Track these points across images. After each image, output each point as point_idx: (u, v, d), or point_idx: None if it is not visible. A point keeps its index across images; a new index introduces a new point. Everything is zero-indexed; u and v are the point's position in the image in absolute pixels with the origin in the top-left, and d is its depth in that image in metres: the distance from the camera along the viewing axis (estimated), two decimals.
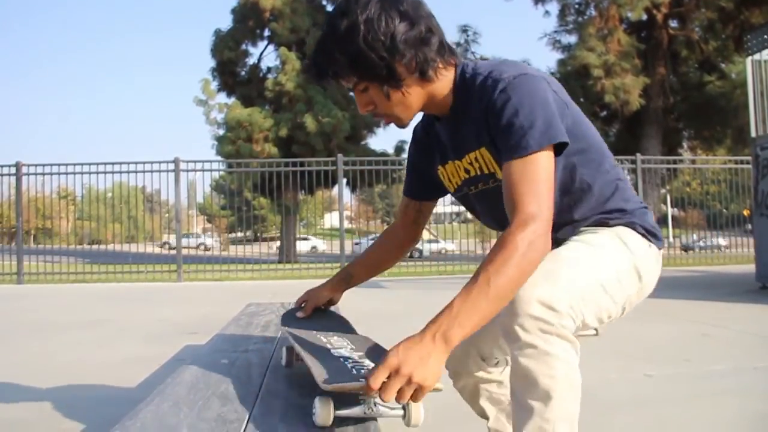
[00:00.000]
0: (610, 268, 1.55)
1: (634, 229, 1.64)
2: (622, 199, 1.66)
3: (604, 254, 1.57)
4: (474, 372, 1.89)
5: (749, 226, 9.17)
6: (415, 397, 1.26)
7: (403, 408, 1.36)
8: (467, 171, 1.67)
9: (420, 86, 1.56)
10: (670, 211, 31.96)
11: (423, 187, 1.91)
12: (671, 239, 23.92)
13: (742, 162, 14.19)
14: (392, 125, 1.65)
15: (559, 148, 1.47)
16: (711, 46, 19.57)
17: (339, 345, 1.66)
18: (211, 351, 2.26)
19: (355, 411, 1.35)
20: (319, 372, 1.38)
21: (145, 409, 1.48)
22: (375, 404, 1.34)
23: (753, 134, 8.29)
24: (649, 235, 1.66)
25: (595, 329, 4.60)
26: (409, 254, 13.78)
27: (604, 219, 1.64)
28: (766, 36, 8.16)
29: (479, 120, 1.54)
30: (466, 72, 1.59)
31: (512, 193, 1.41)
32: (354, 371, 1.40)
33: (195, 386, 1.70)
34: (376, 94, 1.55)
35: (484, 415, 1.96)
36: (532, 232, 1.34)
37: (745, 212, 16.23)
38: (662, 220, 28.51)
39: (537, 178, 1.40)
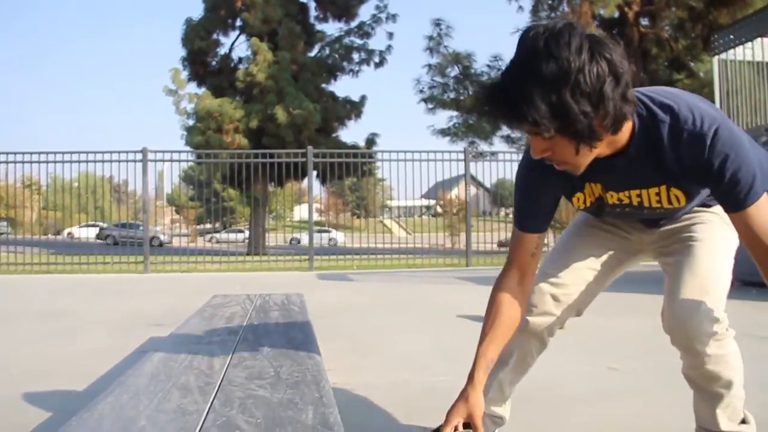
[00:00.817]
0: (730, 256, 1.77)
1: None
2: None
3: (722, 246, 1.76)
4: (544, 323, 1.96)
5: None
6: None
7: None
8: (620, 200, 1.70)
9: (608, 138, 1.47)
10: None
11: (542, 220, 1.80)
12: None
13: None
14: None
15: None
16: (681, 45, 19.83)
17: None
18: (173, 343, 2.26)
19: None
20: None
21: (103, 401, 1.48)
22: None
23: None
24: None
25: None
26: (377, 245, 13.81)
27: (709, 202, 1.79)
28: (731, 36, 8.31)
29: (671, 168, 1.54)
30: (641, 112, 1.54)
31: (763, 239, 1.51)
32: None
33: (156, 378, 1.70)
34: (562, 145, 1.44)
35: (504, 363, 1.97)
36: None
37: None
38: None
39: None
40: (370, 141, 23.00)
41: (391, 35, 24.39)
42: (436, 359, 3.66)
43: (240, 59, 24.32)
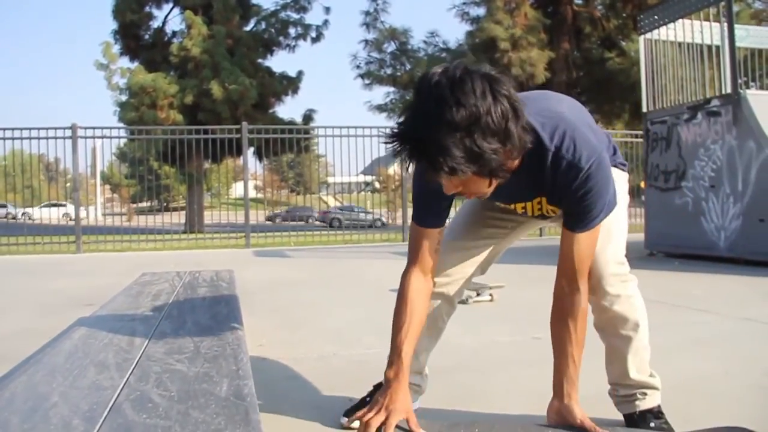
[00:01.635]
0: (624, 209, 1.99)
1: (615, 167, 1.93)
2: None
3: (617, 215, 1.88)
4: (448, 288, 2.07)
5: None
6: None
7: None
8: (506, 205, 1.96)
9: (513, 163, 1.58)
10: None
11: (445, 212, 1.86)
12: None
13: (638, 136, 14.83)
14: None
15: None
16: (612, 24, 20.24)
17: None
18: (96, 320, 2.26)
19: None
20: None
21: (17, 380, 1.47)
22: None
23: (644, 109, 8.73)
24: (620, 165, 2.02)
25: (491, 295, 4.78)
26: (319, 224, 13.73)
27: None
28: (656, 16, 8.54)
29: (549, 186, 1.71)
30: (545, 146, 1.65)
31: (575, 261, 1.76)
32: None
33: (73, 355, 1.70)
34: (475, 181, 1.52)
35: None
36: (586, 301, 1.80)
37: (642, 184, 16.99)
38: None
39: (593, 251, 1.77)
40: (308, 117, 22.83)
41: (327, 10, 24.14)
42: (365, 332, 3.72)
43: (174, 33, 23.79)
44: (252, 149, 17.11)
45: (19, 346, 3.56)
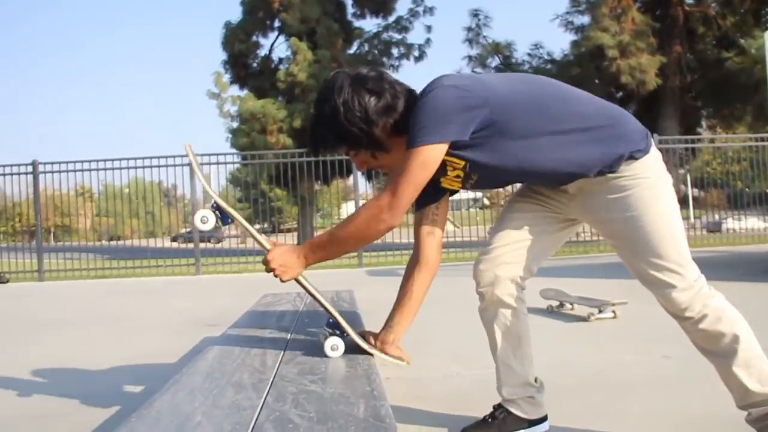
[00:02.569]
0: (670, 211, 1.87)
1: (634, 158, 1.86)
2: (601, 142, 1.86)
3: (659, 209, 1.86)
4: (499, 293, 2.09)
5: None
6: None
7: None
8: (458, 177, 2.00)
9: (400, 138, 1.86)
10: (690, 191, 31.64)
11: (429, 194, 2.06)
12: (692, 219, 23.66)
13: (763, 139, 14.03)
14: None
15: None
16: (729, 22, 19.20)
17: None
18: (226, 341, 2.31)
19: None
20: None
21: (160, 398, 1.51)
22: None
23: None
24: (642, 152, 1.87)
25: (613, 312, 4.60)
26: None
27: (607, 170, 1.86)
28: None
29: None
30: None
31: (391, 175, 1.90)
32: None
33: (210, 375, 1.74)
34: (365, 157, 1.94)
35: (494, 343, 2.17)
36: (378, 208, 1.82)
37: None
38: (682, 201, 28.21)
39: (405, 170, 1.80)
40: None
41: (429, 28, 24.36)
42: (486, 352, 3.64)
43: (280, 60, 24.54)
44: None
45: (148, 366, 3.73)
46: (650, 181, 1.86)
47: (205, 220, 1.96)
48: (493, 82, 1.92)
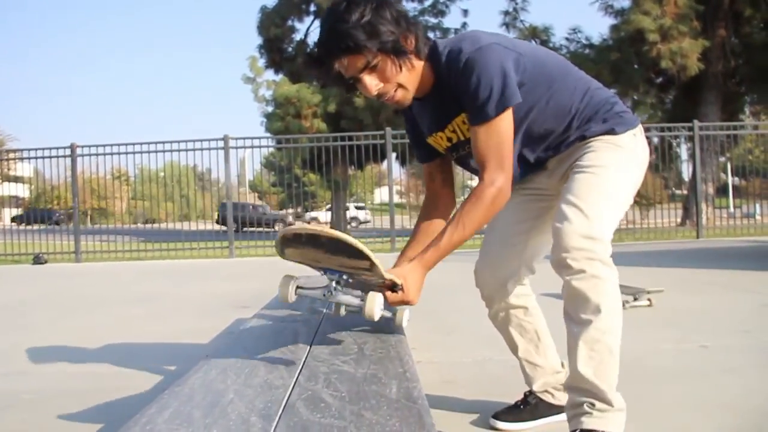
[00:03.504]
0: (621, 182, 1.82)
1: (615, 132, 1.86)
2: (594, 109, 1.88)
3: (611, 172, 1.79)
4: (505, 297, 2.12)
5: None
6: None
7: (361, 300, 1.71)
8: (449, 139, 1.95)
9: (416, 64, 1.80)
10: (731, 180, 31.05)
11: (431, 151, 2.08)
12: (732, 209, 23.23)
13: None
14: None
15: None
16: None
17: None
18: (259, 322, 2.32)
19: (315, 292, 1.80)
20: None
21: (194, 376, 1.53)
22: (333, 291, 1.77)
23: None
24: (627, 125, 1.88)
25: (649, 300, 4.54)
26: None
27: (586, 134, 1.87)
28: None
29: (451, 94, 1.82)
30: (440, 52, 1.83)
31: (479, 156, 1.78)
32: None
33: (243, 355, 1.75)
34: (386, 69, 1.75)
35: (513, 345, 2.18)
36: (497, 189, 1.74)
37: None
38: (722, 190, 27.66)
39: (498, 141, 1.75)
40: None
41: (465, 12, 24.15)
42: None
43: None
44: (395, 155, 17.31)
45: (183, 344, 3.77)
46: (622, 150, 1.85)
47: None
48: (510, 40, 1.89)
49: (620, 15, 19.88)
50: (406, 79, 1.79)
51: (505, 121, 1.74)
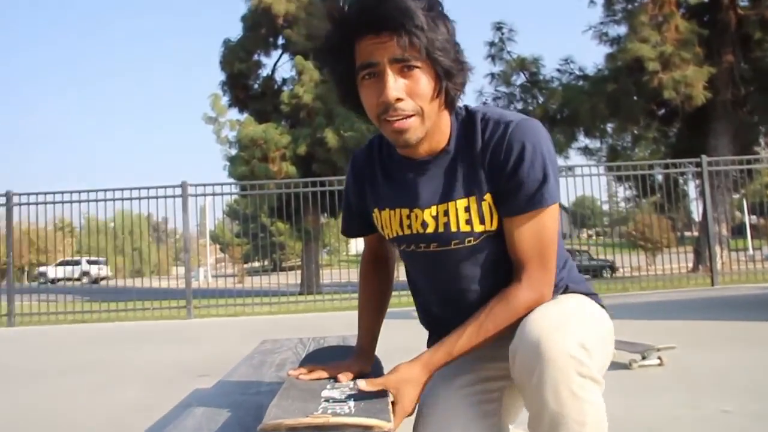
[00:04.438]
0: (603, 325, 1.62)
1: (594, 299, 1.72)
2: (570, 271, 1.76)
3: (594, 312, 1.64)
4: None
5: None
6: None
7: None
8: (424, 225, 1.66)
9: (441, 110, 1.57)
10: (747, 218, 31.34)
11: (369, 224, 1.87)
12: (751, 251, 23.38)
13: None
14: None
15: None
16: None
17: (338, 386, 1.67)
18: (218, 394, 2.26)
19: None
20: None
21: None
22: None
23: None
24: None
25: (659, 359, 4.51)
26: None
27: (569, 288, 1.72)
28: None
29: (477, 164, 1.59)
30: (473, 111, 1.65)
31: (519, 251, 1.56)
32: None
33: None
34: (420, 81, 1.49)
35: None
36: (539, 296, 1.54)
37: None
38: (737, 230, 27.87)
39: (548, 236, 1.57)
40: None
41: None
42: None
43: (284, 80, 24.80)
44: None
45: (132, 421, 3.67)
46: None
47: None
48: None
49: (616, 43, 20.31)
50: (430, 111, 1.53)
51: (554, 213, 1.58)
